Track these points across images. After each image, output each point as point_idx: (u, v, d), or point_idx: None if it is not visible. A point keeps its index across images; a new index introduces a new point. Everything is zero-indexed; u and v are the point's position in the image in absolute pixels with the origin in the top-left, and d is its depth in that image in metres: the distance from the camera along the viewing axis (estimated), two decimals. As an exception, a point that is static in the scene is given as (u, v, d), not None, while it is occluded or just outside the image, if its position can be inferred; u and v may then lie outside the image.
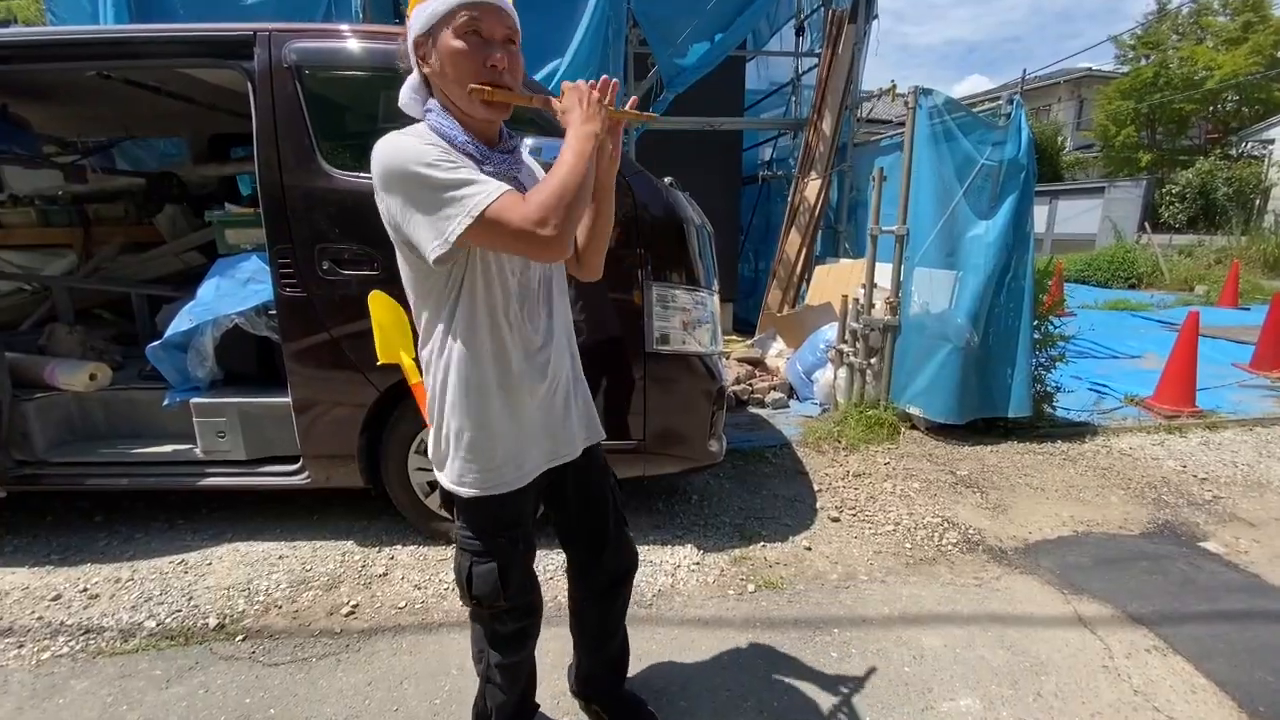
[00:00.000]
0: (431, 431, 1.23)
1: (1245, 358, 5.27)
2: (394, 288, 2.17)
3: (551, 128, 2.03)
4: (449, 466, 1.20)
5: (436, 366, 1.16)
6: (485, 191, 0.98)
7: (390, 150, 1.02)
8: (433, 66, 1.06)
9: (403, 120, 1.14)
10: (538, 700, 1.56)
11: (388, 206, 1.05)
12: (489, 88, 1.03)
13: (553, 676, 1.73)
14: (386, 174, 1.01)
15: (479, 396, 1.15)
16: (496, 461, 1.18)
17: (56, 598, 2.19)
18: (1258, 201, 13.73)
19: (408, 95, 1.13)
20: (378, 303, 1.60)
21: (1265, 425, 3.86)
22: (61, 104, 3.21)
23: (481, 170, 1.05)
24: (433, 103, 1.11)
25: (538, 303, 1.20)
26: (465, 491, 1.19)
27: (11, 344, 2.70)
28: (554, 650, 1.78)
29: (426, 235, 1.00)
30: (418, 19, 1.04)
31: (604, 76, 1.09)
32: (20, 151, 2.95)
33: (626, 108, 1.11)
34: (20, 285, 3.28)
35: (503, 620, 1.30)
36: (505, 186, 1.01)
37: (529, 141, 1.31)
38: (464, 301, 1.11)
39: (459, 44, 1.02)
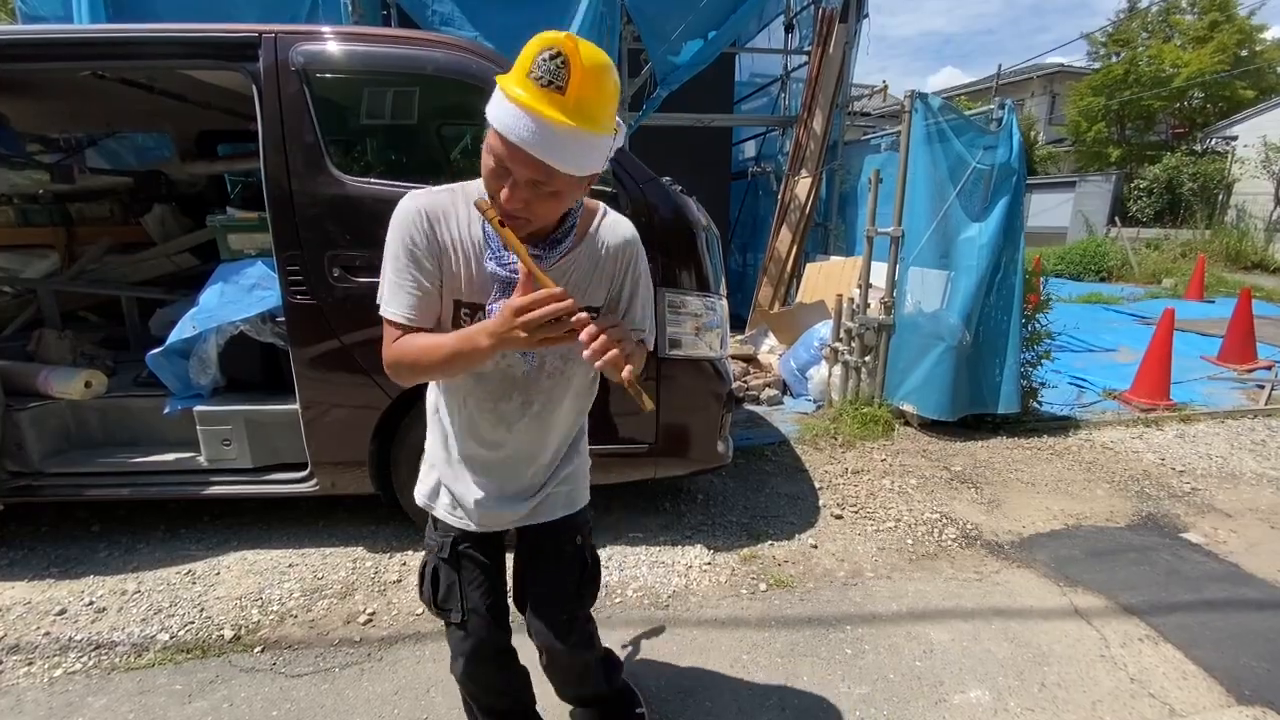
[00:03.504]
0: None
1: (1213, 350, 5.49)
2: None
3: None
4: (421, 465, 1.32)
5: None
6: (393, 306, 1.07)
7: (397, 211, 1.09)
8: None
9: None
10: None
11: None
12: (493, 216, 0.95)
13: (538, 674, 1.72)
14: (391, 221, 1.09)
15: (435, 433, 1.26)
16: (438, 491, 1.29)
17: (61, 612, 2.14)
18: (1221, 196, 14.22)
19: None
20: None
21: (1235, 418, 4.05)
22: (41, 99, 3.09)
23: (495, 266, 1.05)
24: None
25: (520, 390, 1.16)
26: (417, 496, 1.32)
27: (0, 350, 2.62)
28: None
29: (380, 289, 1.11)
30: (492, 108, 0.92)
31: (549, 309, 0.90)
32: (2, 151, 2.84)
33: None
34: (1, 288, 3.16)
35: (451, 631, 1.33)
36: (406, 313, 1.06)
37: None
38: None
39: (487, 159, 0.95)
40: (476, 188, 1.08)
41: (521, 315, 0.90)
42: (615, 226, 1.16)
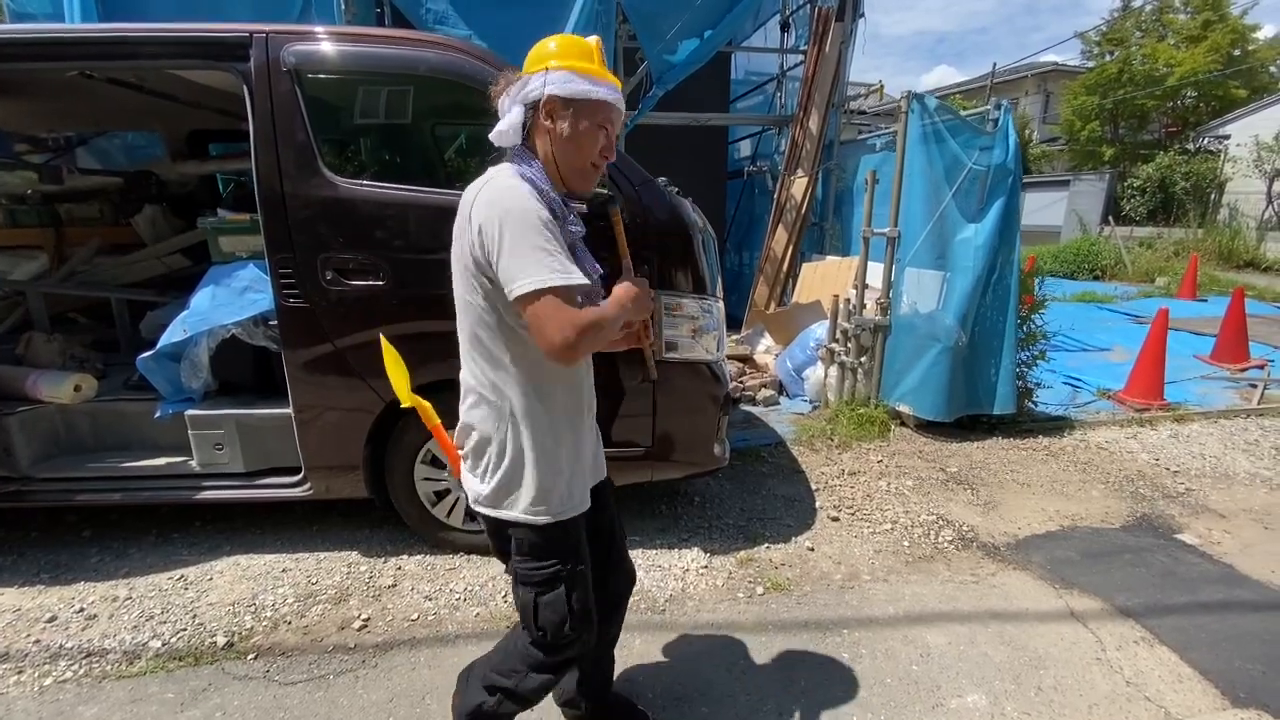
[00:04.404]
0: (486, 466, 1.23)
1: (1206, 349, 5.52)
2: (400, 297, 2.18)
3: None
4: (519, 498, 1.22)
5: (503, 399, 1.20)
6: (568, 273, 1.08)
7: (508, 193, 1.09)
8: (557, 128, 1.15)
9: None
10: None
11: (486, 237, 1.08)
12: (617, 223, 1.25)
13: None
14: (500, 212, 1.07)
15: (549, 427, 1.21)
16: (564, 488, 1.24)
17: (52, 619, 2.12)
18: (1213, 195, 14.31)
19: (507, 133, 1.17)
20: (386, 351, 1.48)
21: (1228, 417, 4.06)
22: (29, 99, 3.05)
23: (563, 227, 1.15)
24: (527, 153, 1.17)
25: None
26: (540, 519, 1.22)
27: (-13, 354, 2.59)
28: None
29: (516, 273, 1.06)
30: (568, 85, 1.12)
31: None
32: (-10, 151, 2.80)
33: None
34: (-11, 290, 3.12)
35: (566, 647, 1.31)
36: (581, 282, 1.10)
37: None
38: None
39: (596, 132, 1.16)
40: (520, 182, 1.13)
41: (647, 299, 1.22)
42: None
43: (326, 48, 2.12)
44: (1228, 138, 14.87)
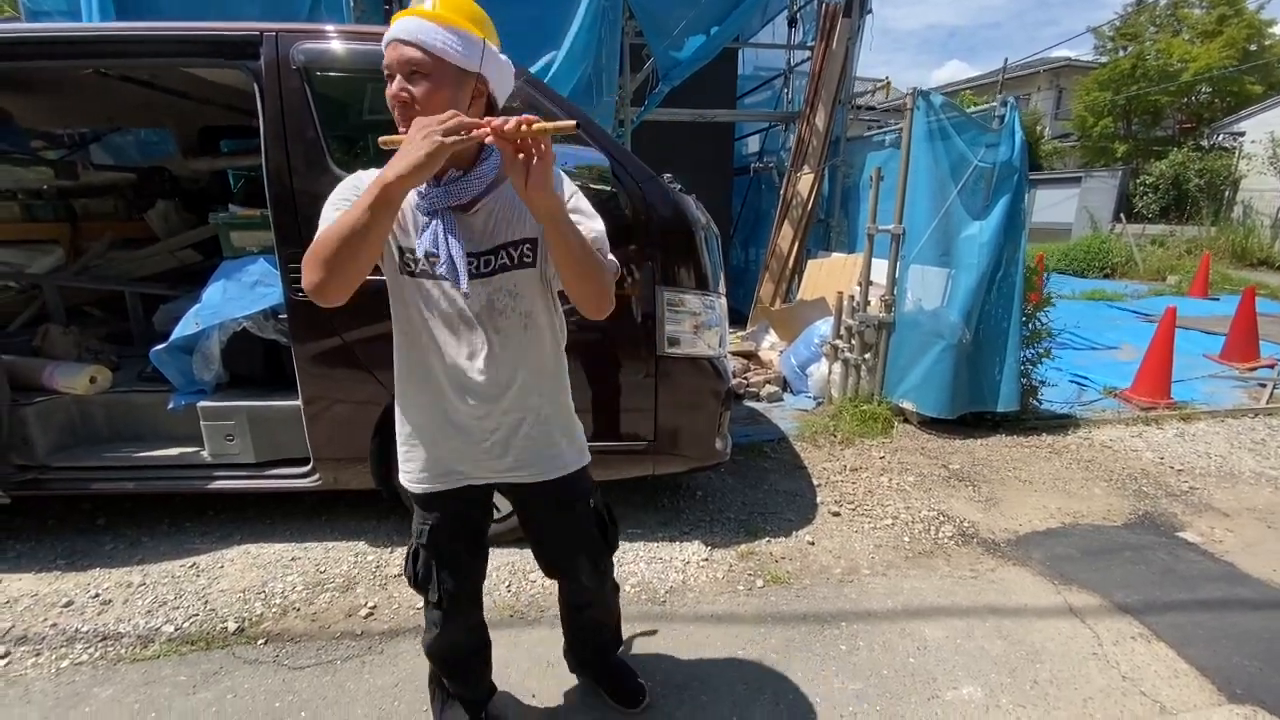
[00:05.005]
0: None
1: (1216, 348, 5.48)
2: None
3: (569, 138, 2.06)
4: (399, 457, 1.36)
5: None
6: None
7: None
8: None
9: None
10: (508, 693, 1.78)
11: None
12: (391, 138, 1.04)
13: (541, 667, 1.80)
14: None
15: (403, 401, 1.31)
16: (416, 462, 1.32)
17: (68, 604, 2.18)
18: (1227, 193, 14.14)
19: None
20: None
21: (1235, 417, 4.04)
22: (45, 96, 3.11)
23: (418, 200, 1.16)
24: None
25: (475, 330, 1.21)
26: (399, 479, 1.36)
27: (4, 346, 2.65)
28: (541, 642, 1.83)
29: None
30: None
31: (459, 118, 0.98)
32: (7, 148, 2.86)
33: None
34: (7, 283, 3.19)
35: (427, 607, 1.45)
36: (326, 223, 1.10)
37: None
38: (394, 312, 1.26)
39: (388, 88, 1.10)
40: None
41: (422, 125, 0.97)
42: None
43: (335, 46, 2.16)
44: (1242, 134, 14.69)
